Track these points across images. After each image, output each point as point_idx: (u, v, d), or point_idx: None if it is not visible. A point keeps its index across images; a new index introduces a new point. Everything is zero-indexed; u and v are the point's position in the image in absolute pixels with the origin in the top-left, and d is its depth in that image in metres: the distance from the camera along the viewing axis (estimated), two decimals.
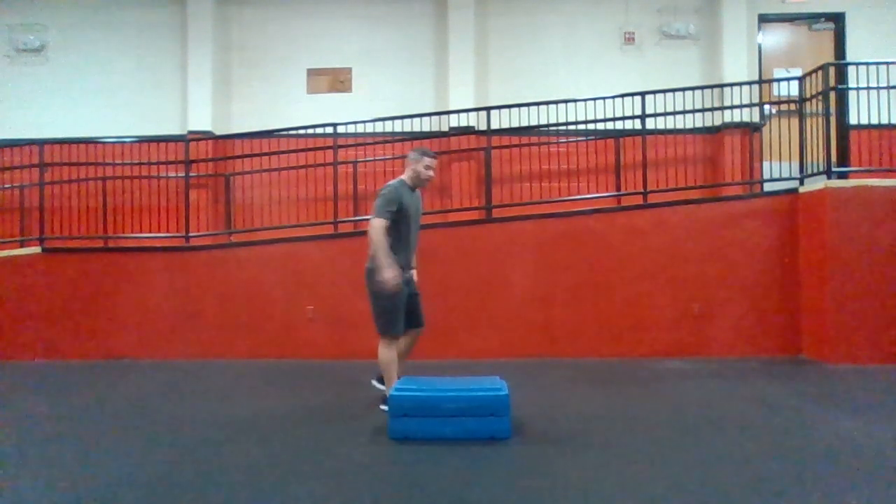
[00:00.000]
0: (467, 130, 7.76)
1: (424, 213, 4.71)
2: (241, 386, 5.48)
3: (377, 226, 4.06)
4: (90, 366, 6.50)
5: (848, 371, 5.55)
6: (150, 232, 7.42)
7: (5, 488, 2.92)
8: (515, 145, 7.31)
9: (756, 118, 7.59)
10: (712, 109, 7.33)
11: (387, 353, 4.15)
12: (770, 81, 7.75)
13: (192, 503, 2.73)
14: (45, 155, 7.47)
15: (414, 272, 4.43)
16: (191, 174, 7.43)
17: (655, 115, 6.95)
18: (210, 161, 7.82)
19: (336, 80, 8.44)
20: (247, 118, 8.30)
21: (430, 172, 4.27)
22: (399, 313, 4.16)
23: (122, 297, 6.91)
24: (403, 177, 4.28)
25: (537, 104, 7.19)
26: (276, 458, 3.33)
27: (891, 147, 6.47)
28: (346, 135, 7.48)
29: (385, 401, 4.03)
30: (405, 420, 3.55)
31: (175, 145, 7.65)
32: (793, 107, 6.99)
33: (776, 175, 6.88)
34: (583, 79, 8.14)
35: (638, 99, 6.95)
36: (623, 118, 7.14)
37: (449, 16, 8.13)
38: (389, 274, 3.99)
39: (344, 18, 8.43)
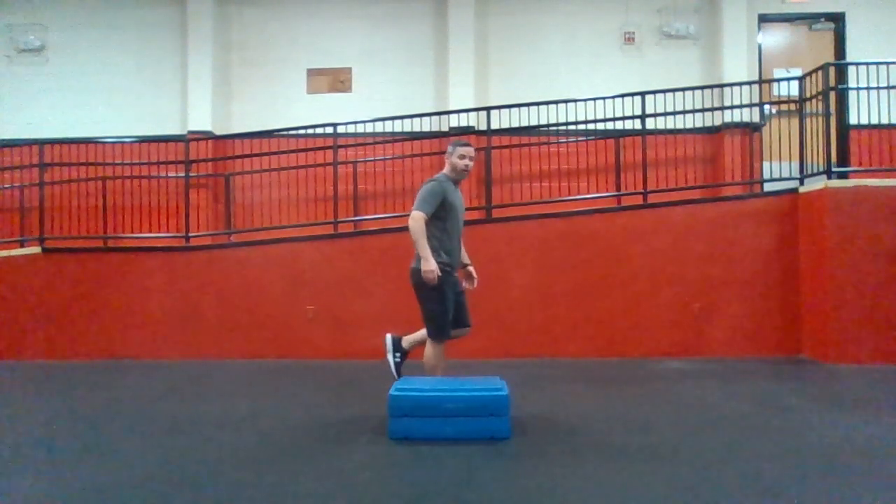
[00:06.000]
0: (467, 130, 7.75)
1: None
2: (241, 386, 5.48)
3: (417, 217, 3.92)
4: (90, 366, 6.50)
5: (848, 371, 5.55)
6: (150, 232, 7.42)
7: (5, 488, 2.92)
8: (515, 145, 7.31)
9: (756, 118, 7.59)
10: (712, 109, 7.32)
11: (434, 357, 4.05)
12: (770, 81, 7.75)
13: (191, 503, 2.73)
14: (45, 155, 7.46)
15: (472, 268, 4.35)
16: (191, 174, 7.43)
17: (655, 115, 6.95)
18: (210, 161, 7.81)
19: (336, 80, 8.43)
20: (247, 118, 8.30)
21: (466, 161, 4.10)
22: (447, 317, 4.02)
23: (122, 297, 6.91)
24: (445, 171, 4.16)
25: (537, 104, 7.19)
26: (275, 458, 3.33)
27: (891, 147, 6.47)
28: (346, 135, 7.48)
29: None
30: (405, 420, 3.55)
31: (175, 145, 7.65)
32: (793, 107, 6.99)
33: (776, 175, 6.88)
34: (583, 79, 8.14)
35: (638, 99, 6.95)
36: (623, 118, 7.14)
37: (449, 16, 8.13)
38: (432, 266, 3.87)
39: (344, 18, 8.43)
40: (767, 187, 7.06)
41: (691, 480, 2.90)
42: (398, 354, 4.30)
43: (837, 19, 8.15)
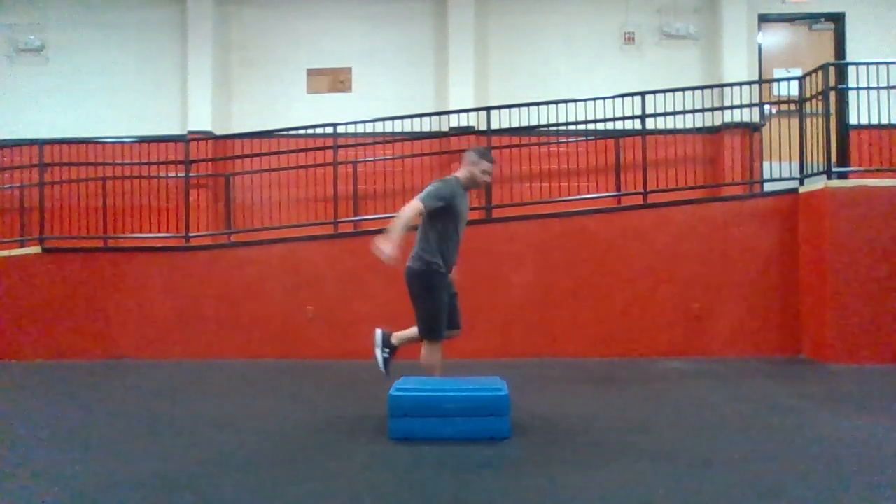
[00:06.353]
0: (467, 130, 7.76)
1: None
2: (241, 386, 5.48)
3: (413, 205, 3.86)
4: (90, 366, 6.50)
5: (848, 371, 5.55)
6: (150, 232, 7.42)
7: (5, 488, 2.92)
8: (515, 145, 7.30)
9: (756, 118, 7.58)
10: (712, 109, 7.32)
11: (429, 356, 4.00)
12: (770, 81, 7.75)
13: (190, 503, 2.73)
14: (45, 155, 7.46)
15: (454, 269, 4.28)
16: (191, 174, 7.43)
17: (655, 115, 6.95)
18: (210, 161, 7.82)
19: (336, 80, 8.43)
20: (247, 118, 8.30)
21: (487, 178, 4.10)
22: (442, 317, 4.00)
23: (122, 297, 6.92)
24: (459, 175, 4.09)
25: (537, 104, 7.19)
26: (275, 457, 3.33)
27: (891, 147, 6.47)
28: (346, 135, 7.48)
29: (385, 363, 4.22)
30: (405, 420, 3.54)
31: (175, 145, 7.65)
32: (793, 107, 6.99)
33: (776, 175, 6.88)
34: (583, 79, 8.14)
35: (638, 99, 6.95)
36: (623, 118, 7.14)
37: (449, 16, 8.13)
38: (388, 249, 3.70)
39: (344, 18, 8.43)
40: (767, 187, 7.06)
41: (691, 481, 2.90)
42: (387, 350, 4.27)
43: (837, 19, 8.15)
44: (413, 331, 4.16)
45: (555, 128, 7.34)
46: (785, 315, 6.39)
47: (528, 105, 7.19)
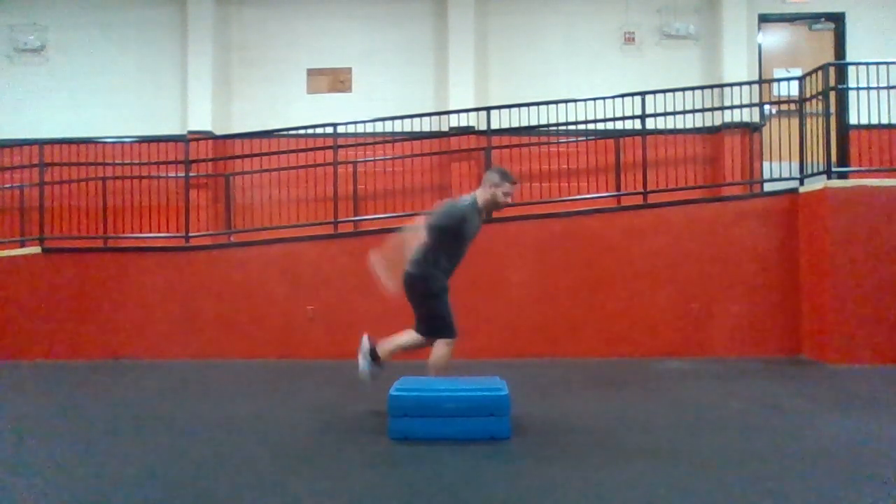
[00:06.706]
0: (467, 130, 7.76)
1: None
2: (241, 386, 5.48)
3: (419, 226, 3.94)
4: (90, 366, 6.50)
5: (848, 371, 5.55)
6: (150, 232, 7.42)
7: (5, 487, 2.92)
8: (515, 145, 7.30)
9: (756, 118, 7.59)
10: (712, 109, 7.31)
11: (443, 356, 3.99)
12: (770, 81, 7.75)
13: (190, 503, 2.73)
14: (45, 155, 7.46)
15: None
16: (191, 174, 7.43)
17: (655, 115, 6.95)
18: (210, 161, 7.82)
19: (336, 80, 8.43)
20: (247, 118, 8.30)
21: (508, 199, 4.09)
22: (449, 317, 4.02)
23: (122, 297, 6.91)
24: (477, 195, 4.07)
25: (537, 104, 7.19)
26: (275, 457, 3.33)
27: (891, 147, 6.47)
28: (346, 135, 7.48)
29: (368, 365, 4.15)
30: (405, 420, 3.54)
31: (175, 145, 7.65)
32: (793, 107, 6.99)
33: (776, 175, 6.87)
34: (583, 79, 8.14)
35: (638, 99, 6.95)
36: (623, 118, 7.13)
37: (449, 16, 8.13)
38: (388, 282, 3.99)
39: (344, 18, 8.43)
40: (767, 187, 7.06)
41: (691, 480, 2.90)
42: (370, 361, 4.18)
43: (837, 19, 8.15)
44: (397, 340, 4.16)
45: (555, 128, 7.34)
46: (785, 315, 6.39)
47: (528, 105, 7.19)
